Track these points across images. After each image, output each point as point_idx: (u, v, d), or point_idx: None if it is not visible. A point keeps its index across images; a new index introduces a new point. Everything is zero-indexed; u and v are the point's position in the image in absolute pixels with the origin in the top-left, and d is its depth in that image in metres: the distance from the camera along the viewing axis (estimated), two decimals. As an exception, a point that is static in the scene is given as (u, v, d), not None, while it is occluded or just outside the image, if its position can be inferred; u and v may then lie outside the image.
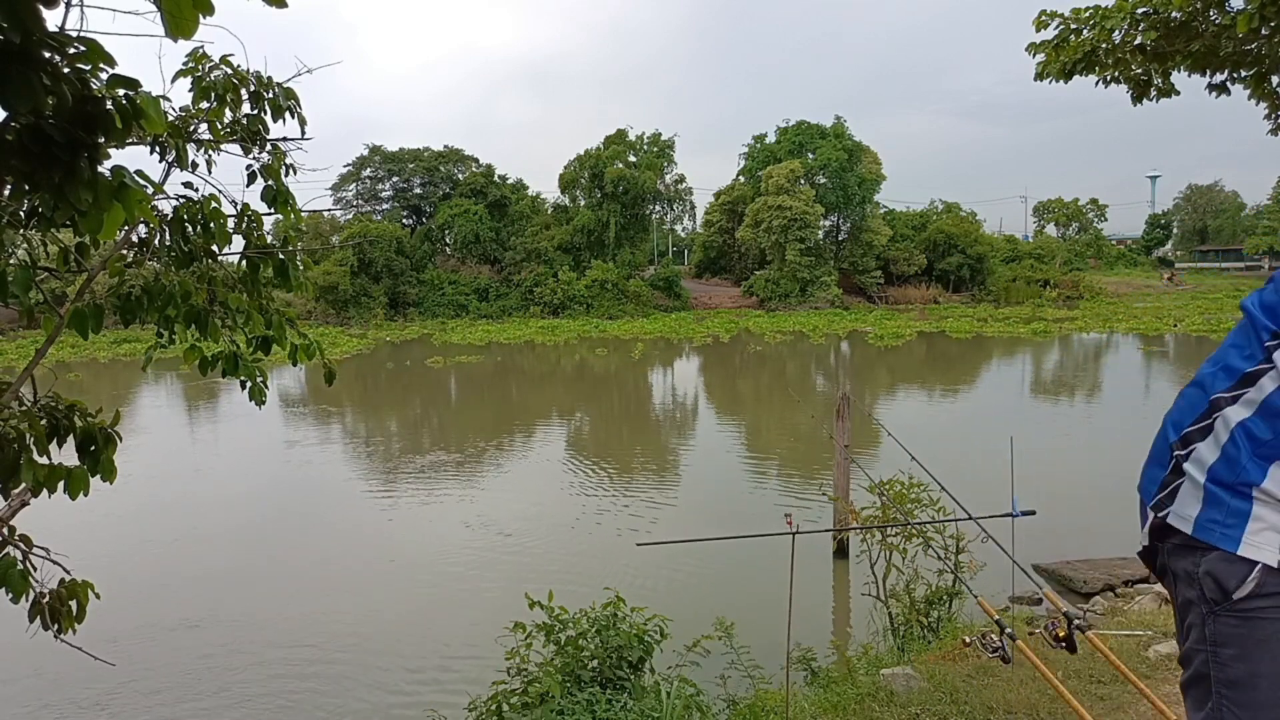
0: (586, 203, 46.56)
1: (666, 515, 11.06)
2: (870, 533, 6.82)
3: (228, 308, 2.66)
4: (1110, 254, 69.47)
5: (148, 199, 1.75)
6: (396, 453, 16.16)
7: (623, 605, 4.79)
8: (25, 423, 2.02)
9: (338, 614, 8.10)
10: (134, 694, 6.70)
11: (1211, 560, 1.43)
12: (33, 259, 2.31)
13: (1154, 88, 5.36)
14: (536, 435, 17.73)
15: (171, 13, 1.24)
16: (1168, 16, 4.64)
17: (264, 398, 2.92)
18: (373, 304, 41.78)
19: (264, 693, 6.71)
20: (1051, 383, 23.35)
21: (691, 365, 29.15)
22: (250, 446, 16.45)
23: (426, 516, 11.51)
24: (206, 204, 2.52)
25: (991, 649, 2.85)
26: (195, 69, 2.49)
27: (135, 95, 1.49)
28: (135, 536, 10.57)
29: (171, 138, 2.31)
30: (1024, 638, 2.93)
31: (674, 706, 4.16)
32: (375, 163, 48.75)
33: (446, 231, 47.63)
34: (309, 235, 39.20)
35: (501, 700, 4.31)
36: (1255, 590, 1.37)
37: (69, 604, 2.24)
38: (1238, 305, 1.52)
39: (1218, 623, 1.42)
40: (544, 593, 4.75)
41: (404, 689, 6.70)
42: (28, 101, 1.20)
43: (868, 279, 46.74)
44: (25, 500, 2.27)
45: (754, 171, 48.81)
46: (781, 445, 15.95)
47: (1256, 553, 1.37)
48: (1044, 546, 8.77)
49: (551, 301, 43.44)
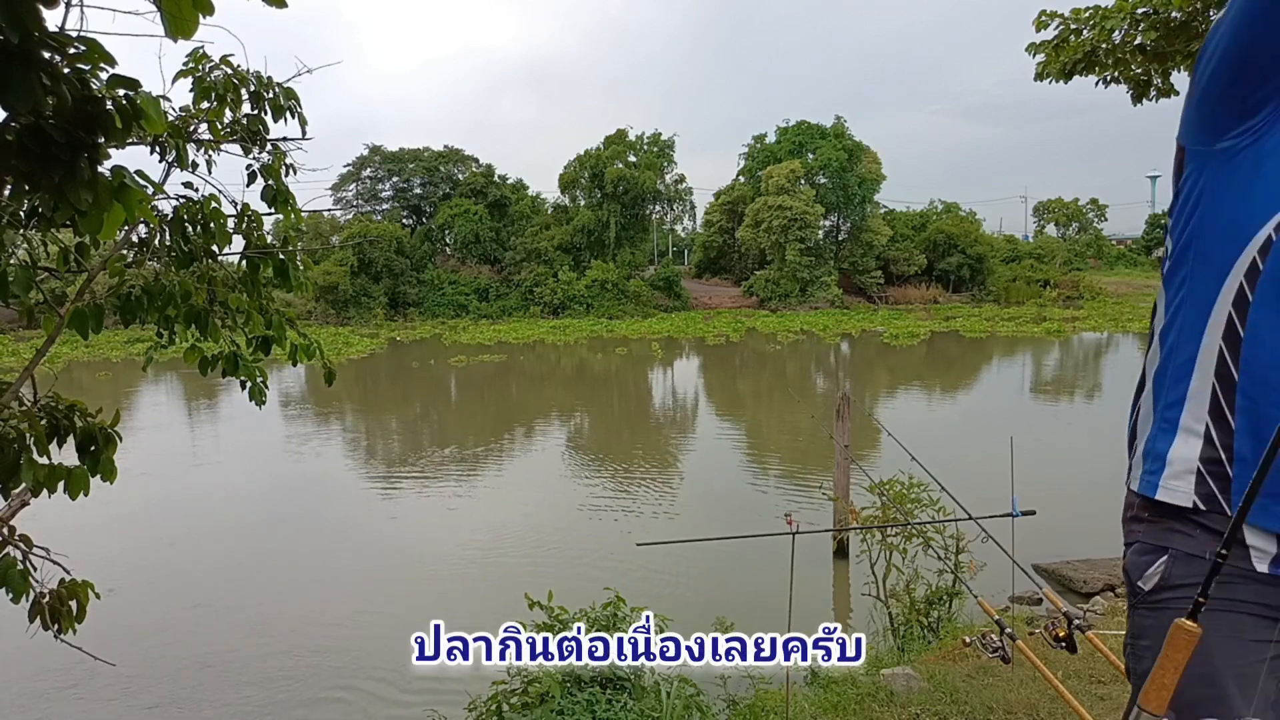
0: (586, 203, 46.55)
1: (673, 514, 11.07)
2: (870, 533, 6.82)
3: (228, 308, 2.67)
4: (1110, 254, 69.45)
5: (148, 199, 1.75)
6: (448, 449, 16.32)
7: (623, 605, 4.79)
8: (25, 423, 2.02)
9: (338, 614, 8.11)
10: (135, 694, 6.70)
11: (1129, 553, 1.43)
12: (33, 259, 2.31)
13: (1154, 88, 5.36)
14: (584, 430, 18.00)
15: (171, 13, 1.24)
16: (1168, 16, 4.65)
17: (264, 398, 2.92)
18: (373, 304, 41.78)
19: (264, 692, 6.71)
20: (1068, 382, 23.35)
21: (715, 364, 29.28)
22: (288, 447, 16.48)
23: (431, 516, 11.52)
24: (206, 204, 2.52)
25: (991, 649, 2.85)
26: (195, 69, 2.49)
27: (135, 95, 1.49)
28: (146, 537, 10.57)
29: (171, 138, 2.31)
30: (1024, 638, 2.93)
31: (674, 706, 4.16)
32: (375, 163, 48.74)
33: (446, 231, 47.63)
34: (309, 235, 39.20)
35: (501, 700, 4.31)
36: (1160, 583, 1.36)
37: (69, 604, 2.24)
38: None
39: (1135, 614, 1.43)
40: (544, 592, 4.75)
41: (404, 689, 6.70)
42: (28, 101, 1.20)
43: (868, 279, 46.72)
44: (25, 500, 2.27)
45: (754, 171, 48.79)
46: (806, 443, 15.96)
47: (1171, 495, 1.36)
48: (1044, 546, 8.77)
49: (551, 302, 43.45)
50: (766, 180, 44.85)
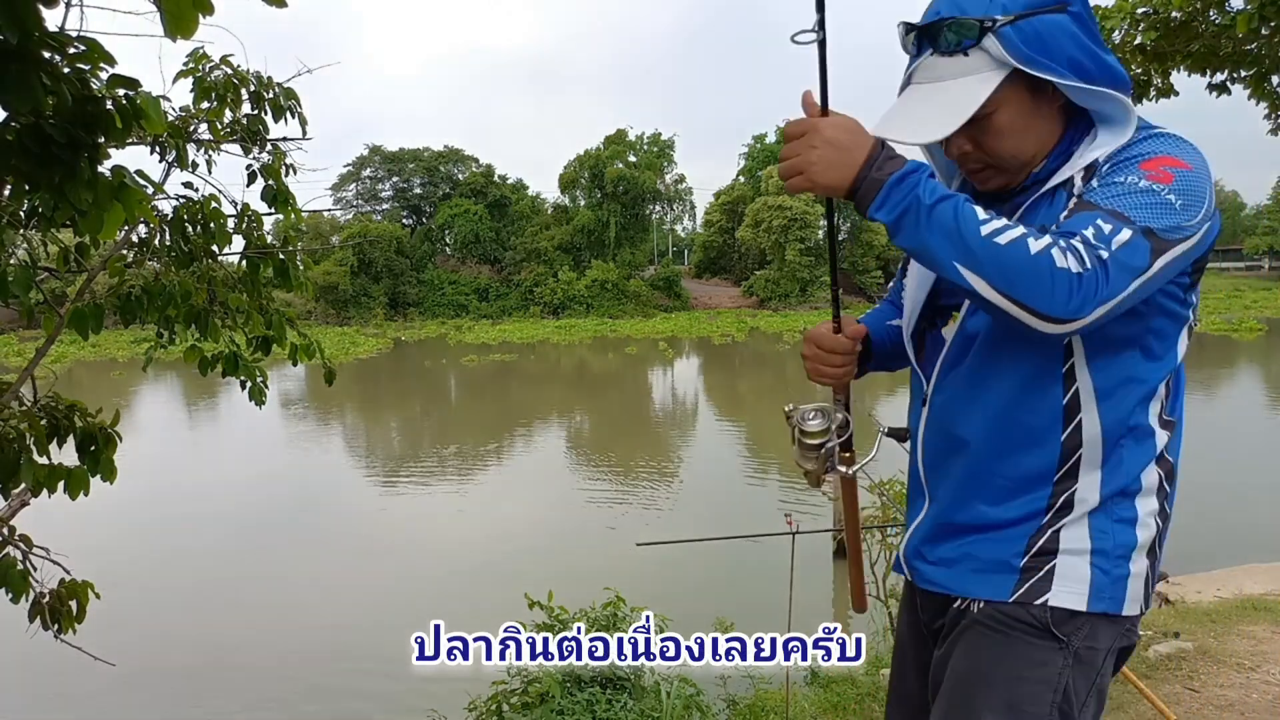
0: (586, 203, 46.57)
1: (673, 513, 11.06)
2: (870, 533, 6.81)
3: (228, 308, 2.66)
4: (1110, 254, 69.40)
5: (148, 199, 1.75)
6: (469, 445, 16.40)
7: (623, 605, 4.78)
8: (25, 423, 2.01)
9: (338, 613, 8.10)
10: (135, 694, 6.70)
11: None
12: (33, 259, 2.31)
13: (1154, 88, 5.35)
14: (595, 428, 18.15)
15: (171, 13, 1.24)
16: (1168, 16, 4.64)
17: (264, 398, 2.92)
18: (373, 304, 41.80)
19: (263, 692, 6.71)
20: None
21: (721, 363, 29.32)
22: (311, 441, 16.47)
23: (433, 515, 11.51)
24: (206, 204, 2.52)
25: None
26: (195, 69, 2.48)
27: (135, 95, 1.49)
28: (146, 537, 10.56)
29: (171, 138, 2.31)
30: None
31: (674, 706, 4.16)
32: (375, 163, 48.75)
33: (446, 231, 47.65)
34: (309, 235, 39.21)
35: (501, 700, 4.31)
36: None
37: (69, 604, 2.23)
38: (1241, 304, 1.51)
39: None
40: (544, 592, 4.74)
41: (404, 688, 6.70)
42: (28, 101, 1.20)
43: (868, 279, 46.73)
44: (25, 500, 2.27)
45: (754, 171, 48.82)
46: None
47: None
48: (1044, 546, 8.75)
49: (551, 302, 43.46)
50: (766, 180, 44.86)
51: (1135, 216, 1.11)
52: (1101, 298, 1.08)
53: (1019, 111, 1.25)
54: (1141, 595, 1.28)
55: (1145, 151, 1.19)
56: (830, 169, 1.16)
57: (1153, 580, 1.30)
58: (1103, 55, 1.22)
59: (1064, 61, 1.20)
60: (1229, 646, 4.49)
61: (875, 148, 1.17)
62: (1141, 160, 1.18)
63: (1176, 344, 1.27)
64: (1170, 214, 1.12)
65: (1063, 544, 1.26)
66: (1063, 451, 1.26)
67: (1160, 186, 1.14)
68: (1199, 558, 8.07)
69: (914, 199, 1.12)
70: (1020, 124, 1.26)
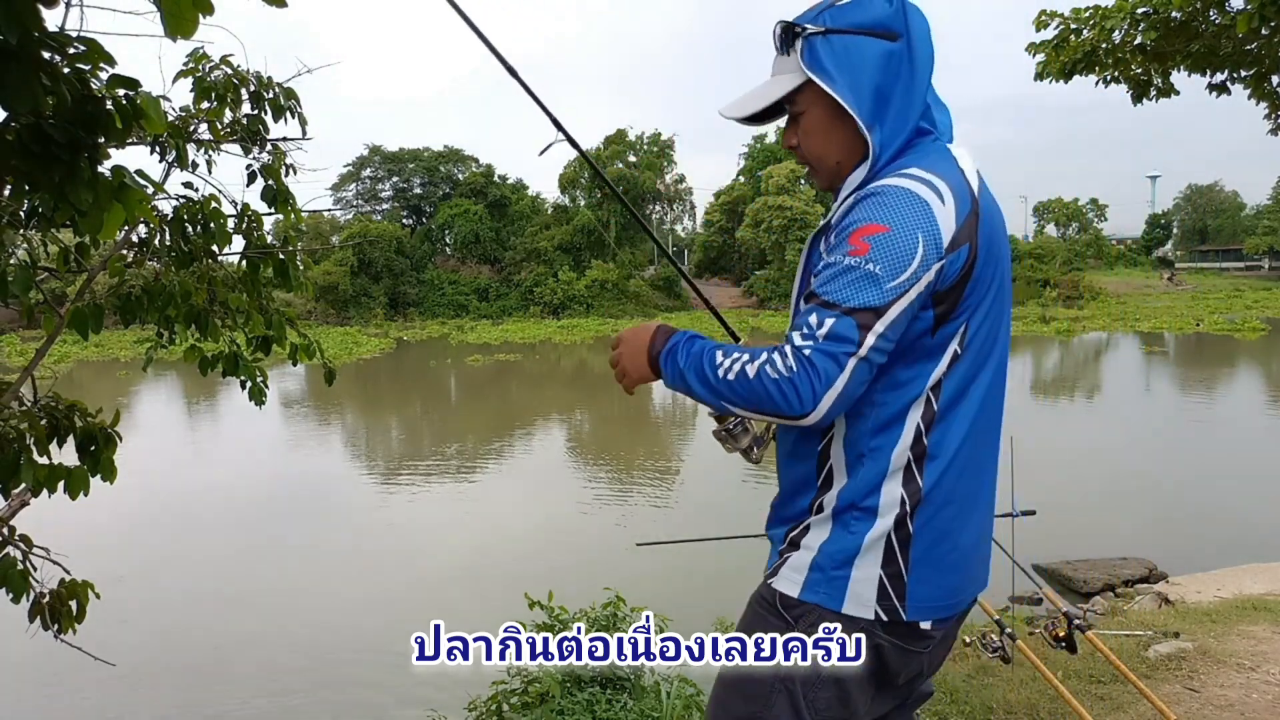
0: (586, 203, 46.57)
1: (673, 513, 11.07)
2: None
3: (228, 308, 2.66)
4: (1110, 254, 69.44)
5: (148, 199, 1.75)
6: (471, 445, 16.39)
7: (623, 605, 4.78)
8: (25, 423, 2.02)
9: (338, 613, 8.10)
10: (134, 693, 6.70)
11: None
12: (33, 259, 2.31)
13: (1154, 88, 5.35)
14: (601, 427, 18.29)
15: (171, 13, 1.24)
16: (1168, 16, 4.64)
17: (264, 398, 2.92)
18: (373, 304, 41.81)
19: (262, 692, 6.71)
20: (1069, 381, 23.33)
21: None
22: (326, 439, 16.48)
23: (435, 514, 11.52)
24: (206, 204, 2.52)
25: (991, 649, 2.85)
26: (195, 69, 2.48)
27: (135, 95, 1.49)
28: (146, 536, 10.57)
29: (171, 138, 2.31)
30: (1024, 638, 2.93)
31: (674, 706, 4.16)
32: (375, 163, 48.77)
33: (446, 231, 47.66)
34: (309, 235, 39.22)
35: (501, 700, 4.31)
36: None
37: (69, 604, 2.23)
38: (1242, 304, 1.53)
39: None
40: (544, 592, 4.75)
41: (404, 688, 6.70)
42: (28, 101, 1.20)
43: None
44: (25, 500, 2.27)
45: (754, 171, 48.84)
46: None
47: None
48: (1044, 546, 8.75)
49: (552, 301, 43.47)
50: (766, 180, 44.87)
51: (840, 299, 1.23)
52: (819, 391, 1.21)
53: (822, 117, 1.37)
54: (873, 600, 1.36)
55: (851, 222, 1.27)
56: (634, 363, 1.45)
57: (906, 592, 1.36)
58: (910, 95, 1.32)
59: (859, 85, 1.29)
60: (1229, 646, 4.49)
61: (653, 336, 1.43)
62: (849, 233, 1.26)
63: (928, 373, 1.33)
64: (872, 285, 1.22)
65: (804, 540, 1.42)
66: (818, 464, 1.42)
67: (858, 260, 1.23)
68: (1199, 558, 8.08)
69: (674, 367, 1.37)
70: (822, 129, 1.38)
